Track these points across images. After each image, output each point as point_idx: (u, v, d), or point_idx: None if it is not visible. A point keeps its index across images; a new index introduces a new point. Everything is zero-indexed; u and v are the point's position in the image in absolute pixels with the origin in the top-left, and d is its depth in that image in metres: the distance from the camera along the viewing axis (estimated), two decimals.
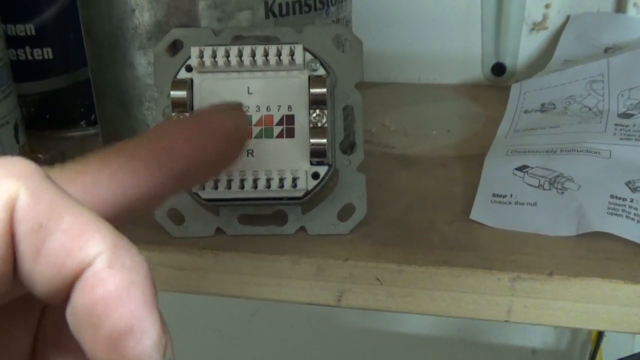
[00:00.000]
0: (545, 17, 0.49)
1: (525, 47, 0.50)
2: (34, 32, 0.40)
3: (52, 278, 0.14)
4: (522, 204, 0.31)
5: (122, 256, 0.14)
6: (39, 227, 0.14)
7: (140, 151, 0.18)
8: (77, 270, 0.14)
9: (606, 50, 0.44)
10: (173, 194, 0.19)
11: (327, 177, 0.29)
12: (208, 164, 0.20)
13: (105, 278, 0.14)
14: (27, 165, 0.14)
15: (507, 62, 0.50)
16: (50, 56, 0.40)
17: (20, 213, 0.14)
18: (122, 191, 0.17)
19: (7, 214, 0.14)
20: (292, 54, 0.28)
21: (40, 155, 0.39)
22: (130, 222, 0.18)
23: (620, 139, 0.33)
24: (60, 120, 0.42)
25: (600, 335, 0.55)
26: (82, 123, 0.42)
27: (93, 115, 0.41)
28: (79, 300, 0.14)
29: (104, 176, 0.17)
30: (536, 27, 0.49)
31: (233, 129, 0.21)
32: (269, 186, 0.28)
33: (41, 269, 0.14)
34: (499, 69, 0.50)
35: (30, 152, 0.38)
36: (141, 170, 0.18)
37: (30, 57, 0.40)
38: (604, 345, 0.56)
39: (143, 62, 0.33)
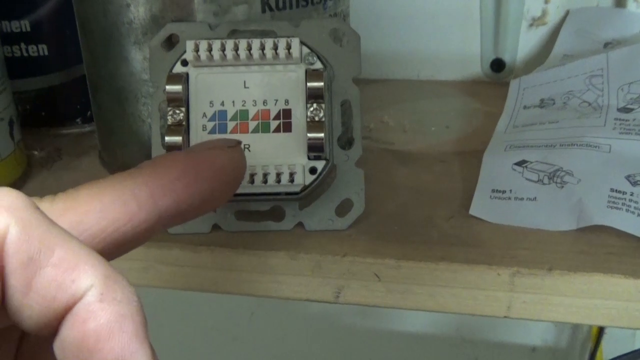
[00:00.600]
0: (544, 12, 0.48)
1: (524, 42, 0.49)
2: (29, 29, 0.39)
3: (42, 312, 0.14)
4: (522, 199, 0.31)
5: (114, 289, 0.14)
6: (30, 260, 0.14)
7: (133, 186, 0.18)
8: (67, 303, 0.14)
9: (606, 45, 0.44)
10: (165, 228, 0.19)
11: (324, 172, 0.28)
12: (201, 202, 0.20)
13: (97, 311, 0.14)
14: (18, 198, 0.14)
15: (506, 57, 0.50)
16: (46, 52, 0.40)
17: (10, 247, 0.14)
18: (113, 226, 0.17)
19: None
20: (288, 47, 0.28)
21: (35, 152, 0.38)
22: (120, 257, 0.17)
23: (620, 133, 0.33)
24: (56, 117, 0.42)
25: (600, 332, 0.55)
26: (77, 120, 0.42)
27: (89, 112, 0.41)
28: (69, 333, 0.14)
29: (95, 210, 0.17)
30: (535, 22, 0.49)
31: (230, 168, 0.21)
32: (265, 181, 0.27)
33: (31, 303, 0.14)
34: (498, 65, 0.50)
35: (26, 149, 0.37)
36: (133, 205, 0.18)
37: (25, 54, 0.40)
38: (604, 342, 0.56)
39: (138, 57, 0.32)
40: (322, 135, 0.27)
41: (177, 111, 0.28)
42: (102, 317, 0.14)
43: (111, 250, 0.17)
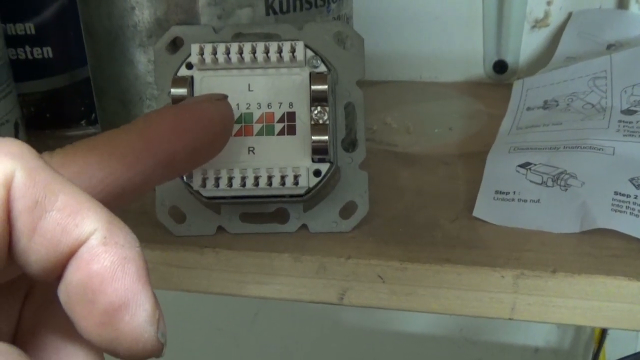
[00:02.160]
0: (547, 14, 0.49)
1: (527, 44, 0.49)
2: (34, 31, 0.40)
3: (47, 255, 0.14)
4: (525, 201, 0.31)
5: (116, 233, 0.14)
6: (35, 204, 0.14)
7: (128, 138, 0.19)
8: (72, 247, 0.14)
9: (609, 46, 0.44)
10: (160, 182, 0.20)
11: (328, 175, 0.28)
12: (194, 152, 0.21)
13: (100, 254, 0.14)
14: (22, 146, 0.15)
15: (509, 59, 0.50)
16: (50, 55, 0.40)
17: (16, 191, 0.14)
18: (111, 177, 0.18)
19: (4, 191, 0.14)
20: (293, 50, 0.28)
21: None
22: (121, 210, 0.18)
23: (624, 135, 0.33)
24: (61, 119, 0.42)
25: (603, 334, 0.55)
26: (82, 122, 0.42)
27: (93, 114, 0.41)
28: (73, 276, 0.14)
29: (92, 162, 0.17)
30: (538, 24, 0.49)
31: (218, 118, 0.22)
32: (270, 184, 0.27)
33: (36, 246, 0.14)
34: (500, 67, 0.50)
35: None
36: (129, 156, 0.18)
37: (30, 56, 0.40)
38: (607, 344, 0.56)
39: (143, 60, 0.32)
40: (326, 137, 0.28)
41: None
42: (105, 260, 0.14)
43: (110, 201, 0.17)
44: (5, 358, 0.13)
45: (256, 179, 0.27)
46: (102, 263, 0.14)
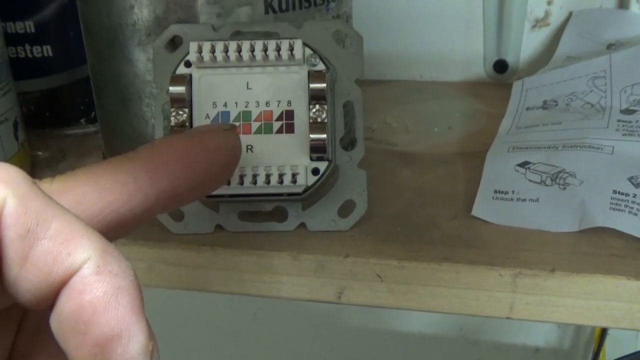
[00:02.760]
0: (547, 14, 0.48)
1: (527, 44, 0.49)
2: (33, 30, 0.40)
3: (39, 284, 0.14)
4: (524, 200, 0.31)
5: (110, 262, 0.14)
6: (27, 232, 0.14)
7: (131, 168, 0.18)
8: (64, 276, 0.14)
9: (609, 46, 0.44)
10: (162, 212, 0.19)
11: (327, 173, 0.28)
12: (199, 184, 0.20)
13: (93, 284, 0.14)
14: (15, 172, 0.14)
15: (509, 59, 0.50)
16: (50, 54, 0.40)
17: (7, 219, 0.14)
18: (111, 207, 0.17)
19: None
20: (291, 49, 0.28)
21: (40, 153, 0.38)
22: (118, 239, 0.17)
23: (623, 134, 0.33)
24: (60, 117, 0.42)
25: (603, 334, 0.55)
26: (82, 121, 0.42)
27: (93, 113, 0.41)
28: (65, 306, 0.14)
29: (93, 191, 0.17)
30: (538, 23, 0.49)
31: (226, 149, 0.21)
32: (268, 182, 0.27)
33: (28, 275, 0.14)
34: (500, 66, 0.50)
35: (30, 149, 0.37)
36: (131, 186, 0.18)
37: (30, 55, 0.40)
38: (607, 344, 0.55)
39: (142, 59, 0.32)
40: (324, 136, 0.28)
41: (181, 112, 0.28)
42: (98, 289, 0.14)
43: (109, 231, 0.17)
44: None
45: (254, 177, 0.27)
46: (94, 293, 0.14)
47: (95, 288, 0.14)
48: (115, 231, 0.17)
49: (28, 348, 0.17)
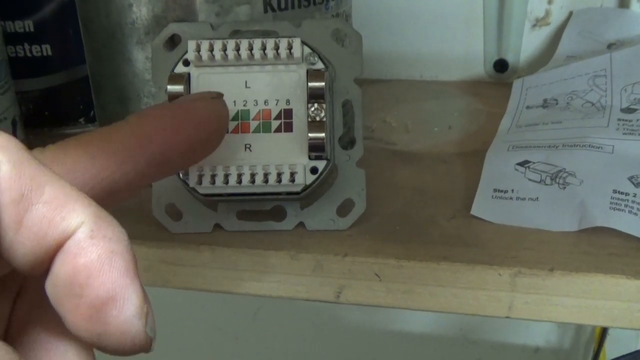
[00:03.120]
0: (547, 13, 0.48)
1: (527, 43, 0.49)
2: (32, 29, 0.40)
3: (34, 248, 0.14)
4: (524, 199, 0.31)
5: (104, 227, 0.14)
6: (21, 197, 0.14)
7: (121, 135, 0.19)
8: (59, 240, 0.14)
9: (609, 45, 0.44)
10: (153, 180, 0.20)
11: (325, 172, 0.28)
12: (188, 149, 0.20)
13: (87, 247, 0.14)
14: (8, 139, 0.14)
15: (510, 58, 0.50)
16: (49, 53, 0.40)
17: (2, 184, 0.14)
18: (102, 174, 0.17)
19: None
20: (290, 47, 0.28)
21: None
22: (118, 208, 0.17)
23: (624, 133, 0.33)
24: (59, 117, 0.42)
25: (603, 333, 0.55)
26: (81, 120, 0.42)
27: (92, 112, 0.41)
28: (60, 270, 0.14)
29: (84, 159, 0.17)
30: (539, 23, 0.49)
31: (213, 116, 0.22)
32: (266, 181, 0.27)
33: (23, 239, 0.14)
34: (501, 66, 0.50)
35: (29, 149, 0.37)
36: (121, 154, 0.18)
37: (29, 54, 0.40)
38: (607, 343, 0.55)
39: (141, 57, 0.32)
40: (323, 135, 0.27)
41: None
42: (92, 253, 0.14)
43: (102, 199, 0.17)
44: None
45: (252, 176, 0.27)
46: (89, 256, 0.14)
47: (90, 252, 0.14)
48: (108, 198, 0.17)
49: (26, 317, 0.17)
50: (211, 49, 0.28)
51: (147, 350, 0.15)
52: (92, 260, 0.14)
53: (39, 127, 0.41)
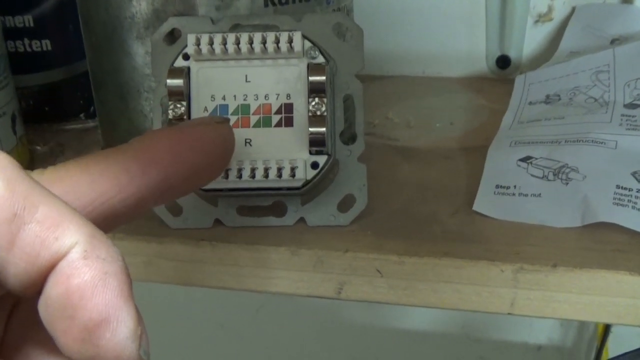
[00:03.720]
0: (550, 9, 0.48)
1: (530, 39, 0.49)
2: (32, 24, 0.39)
3: (26, 269, 0.14)
4: (526, 195, 0.31)
5: (98, 247, 0.14)
6: (14, 216, 0.14)
7: (123, 159, 0.18)
8: (51, 260, 0.14)
9: (613, 41, 0.43)
10: (155, 205, 0.19)
11: (326, 167, 0.28)
12: (190, 176, 0.20)
13: (81, 268, 0.14)
14: (3, 157, 0.14)
15: (512, 54, 0.49)
16: (49, 48, 0.40)
17: None
18: (102, 198, 0.17)
19: None
20: (290, 41, 0.27)
21: (38, 148, 0.38)
22: (111, 232, 0.17)
23: (627, 129, 0.33)
24: (59, 112, 0.42)
25: (606, 331, 0.55)
26: (81, 115, 0.42)
27: (92, 108, 0.41)
28: (52, 291, 0.14)
29: (84, 182, 0.17)
30: (541, 18, 0.48)
31: (218, 142, 0.21)
32: (267, 176, 0.27)
33: (15, 260, 0.14)
34: (503, 62, 0.50)
35: (29, 144, 0.37)
36: (122, 178, 0.18)
37: (28, 49, 0.40)
38: (610, 341, 0.55)
39: (141, 52, 0.32)
40: (323, 129, 0.27)
41: (178, 105, 0.28)
42: (86, 274, 0.14)
43: (101, 222, 0.17)
44: None
45: (253, 171, 0.27)
46: (82, 277, 0.14)
47: (83, 272, 0.14)
48: (107, 222, 0.17)
49: (18, 338, 0.17)
50: (211, 43, 0.27)
51: None
52: (85, 281, 0.14)
53: (38, 122, 0.41)
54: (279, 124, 0.28)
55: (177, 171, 0.19)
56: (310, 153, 0.28)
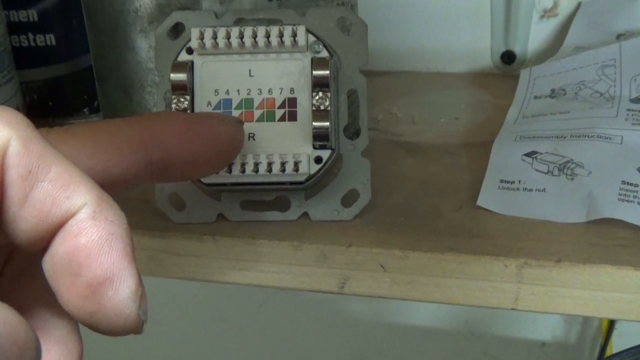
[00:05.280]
0: (555, 4, 0.48)
1: (535, 34, 0.49)
2: (36, 18, 0.39)
3: (36, 224, 0.14)
4: (531, 190, 0.30)
5: (105, 209, 0.15)
6: (28, 174, 0.14)
7: (129, 131, 0.19)
8: (61, 218, 0.14)
9: (618, 36, 0.43)
10: (150, 182, 0.20)
11: (330, 162, 0.28)
12: (190, 163, 0.21)
13: (89, 228, 0.14)
14: (18, 116, 0.15)
15: (517, 50, 0.49)
16: (53, 42, 0.40)
17: (11, 159, 0.14)
18: (103, 165, 0.18)
19: None
20: (294, 35, 0.27)
21: None
22: (122, 197, 0.17)
23: (633, 124, 0.33)
24: (63, 107, 0.42)
25: (610, 327, 0.55)
26: (84, 110, 0.42)
27: (96, 102, 0.41)
28: (60, 248, 0.14)
29: (87, 147, 0.17)
30: (546, 13, 0.48)
31: (224, 138, 0.22)
32: (270, 170, 0.27)
33: (26, 215, 0.14)
34: (508, 57, 0.49)
35: None
36: (125, 149, 0.18)
37: (32, 44, 0.40)
38: (614, 337, 0.55)
39: (144, 46, 0.32)
40: (327, 124, 0.27)
41: (182, 99, 0.28)
42: (93, 234, 0.14)
43: None
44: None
45: (256, 165, 0.27)
46: (89, 237, 0.14)
47: (91, 232, 0.14)
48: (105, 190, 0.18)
49: (11, 286, 0.17)
50: (215, 37, 0.27)
51: (138, 333, 0.15)
52: (93, 240, 0.14)
53: (42, 117, 0.41)
54: (282, 119, 0.28)
55: (178, 156, 0.20)
56: (314, 147, 0.28)
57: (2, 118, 0.14)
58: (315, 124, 0.27)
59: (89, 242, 0.14)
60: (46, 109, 0.41)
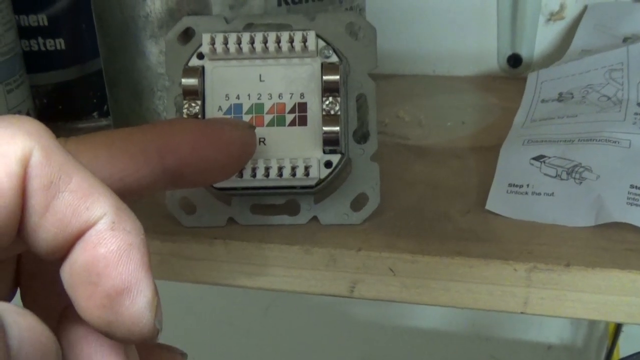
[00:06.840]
0: (562, 7, 0.48)
1: (541, 37, 0.49)
2: (46, 23, 0.40)
3: (56, 234, 0.15)
4: (539, 194, 0.31)
5: (124, 219, 0.15)
6: (50, 184, 0.14)
7: (143, 139, 0.19)
8: (81, 228, 0.15)
9: (625, 40, 0.43)
10: (165, 189, 0.20)
11: (340, 166, 0.28)
12: (205, 170, 0.21)
13: (108, 238, 0.14)
14: (39, 126, 0.15)
15: (524, 53, 0.49)
16: (63, 47, 0.40)
17: (33, 170, 0.14)
18: (119, 174, 0.18)
19: (22, 168, 0.14)
20: (304, 40, 0.27)
21: None
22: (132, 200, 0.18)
23: None
24: (73, 111, 0.42)
25: (617, 330, 0.55)
26: (94, 114, 0.42)
27: (105, 106, 0.41)
28: (79, 257, 0.15)
29: (103, 157, 0.18)
30: (553, 17, 0.48)
31: (237, 144, 0.22)
32: (281, 175, 0.27)
33: (47, 225, 0.15)
34: (515, 60, 0.50)
35: None
36: (140, 158, 0.19)
37: (42, 48, 0.40)
38: (621, 340, 0.55)
39: (155, 51, 0.32)
40: (337, 128, 0.27)
41: (193, 104, 0.28)
42: (112, 244, 0.14)
43: None
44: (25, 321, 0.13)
45: (267, 169, 0.27)
46: (108, 247, 0.14)
47: (110, 242, 0.14)
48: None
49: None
50: (225, 42, 0.28)
51: (153, 341, 0.15)
52: (112, 250, 0.14)
53: (52, 121, 0.41)
54: (292, 123, 0.28)
55: (192, 163, 0.20)
56: (324, 152, 0.28)
57: (24, 128, 0.15)
58: (325, 128, 0.27)
59: (108, 252, 0.14)
60: (56, 113, 0.41)
